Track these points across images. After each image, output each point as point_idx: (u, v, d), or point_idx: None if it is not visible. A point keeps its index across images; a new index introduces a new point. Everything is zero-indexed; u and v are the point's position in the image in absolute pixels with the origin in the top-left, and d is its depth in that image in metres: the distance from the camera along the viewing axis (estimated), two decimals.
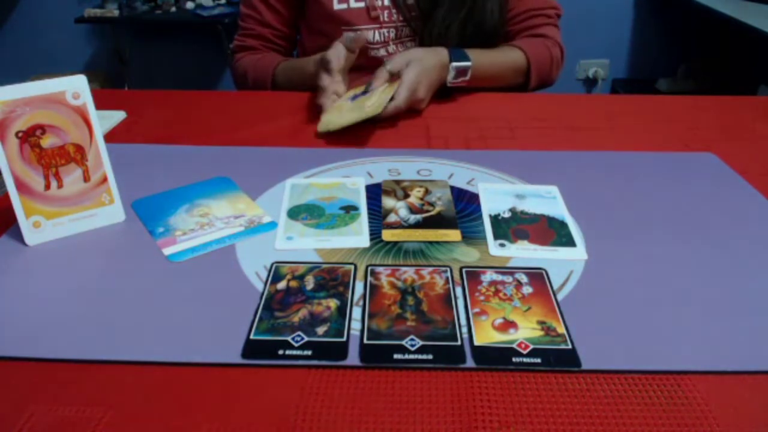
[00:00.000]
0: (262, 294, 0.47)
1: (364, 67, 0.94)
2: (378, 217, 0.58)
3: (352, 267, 0.50)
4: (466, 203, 0.61)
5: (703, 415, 0.37)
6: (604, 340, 0.42)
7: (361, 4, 0.93)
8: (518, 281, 0.48)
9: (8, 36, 2.82)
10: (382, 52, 0.97)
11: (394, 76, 0.81)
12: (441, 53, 0.85)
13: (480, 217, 0.58)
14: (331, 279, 0.48)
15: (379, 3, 0.94)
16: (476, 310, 0.45)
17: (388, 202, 0.61)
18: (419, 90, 0.81)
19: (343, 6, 0.94)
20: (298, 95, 0.91)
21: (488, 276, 0.49)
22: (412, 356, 0.41)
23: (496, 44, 0.97)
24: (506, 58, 0.95)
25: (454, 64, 0.85)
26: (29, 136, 0.51)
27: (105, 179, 0.56)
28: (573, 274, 0.49)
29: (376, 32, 0.95)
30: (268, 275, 0.49)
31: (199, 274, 0.49)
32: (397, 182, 0.64)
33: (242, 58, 1.04)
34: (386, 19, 0.94)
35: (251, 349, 0.41)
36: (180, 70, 2.91)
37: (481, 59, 0.89)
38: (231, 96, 0.96)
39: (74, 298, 0.46)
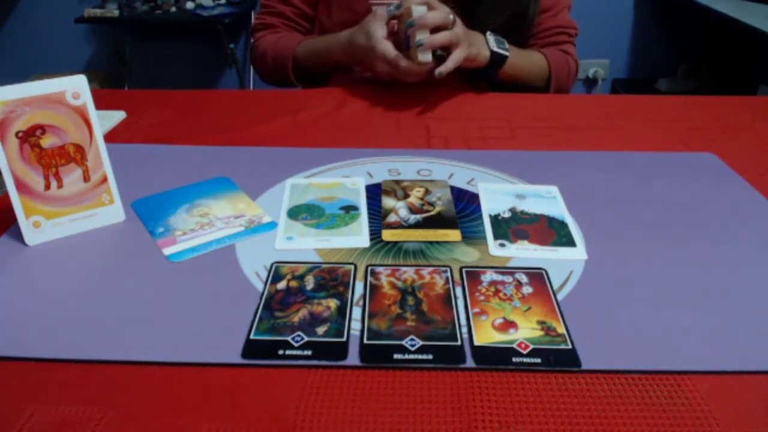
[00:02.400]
0: (262, 294, 0.47)
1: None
2: (378, 217, 0.58)
3: (352, 267, 0.50)
4: (466, 203, 0.61)
5: (703, 415, 0.37)
6: (604, 340, 0.42)
7: None
8: (518, 281, 0.48)
9: (8, 36, 2.82)
10: None
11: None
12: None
13: (480, 217, 0.58)
14: (331, 279, 0.48)
15: None
16: (476, 310, 0.45)
17: (388, 202, 0.61)
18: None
19: None
20: (298, 95, 0.91)
21: (488, 276, 0.49)
22: (412, 356, 0.41)
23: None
24: (533, 57, 0.97)
25: (491, 36, 0.87)
26: (29, 136, 0.51)
27: (105, 179, 0.56)
28: (573, 274, 0.49)
29: None
30: (268, 275, 0.49)
31: (199, 274, 0.49)
32: (397, 182, 0.64)
33: (262, 38, 1.02)
34: None
35: (251, 349, 0.41)
36: (180, 70, 2.91)
37: (515, 51, 0.91)
38: (231, 96, 0.96)
39: (74, 298, 0.46)
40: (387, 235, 0.55)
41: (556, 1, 1.00)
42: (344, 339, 0.42)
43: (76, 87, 0.53)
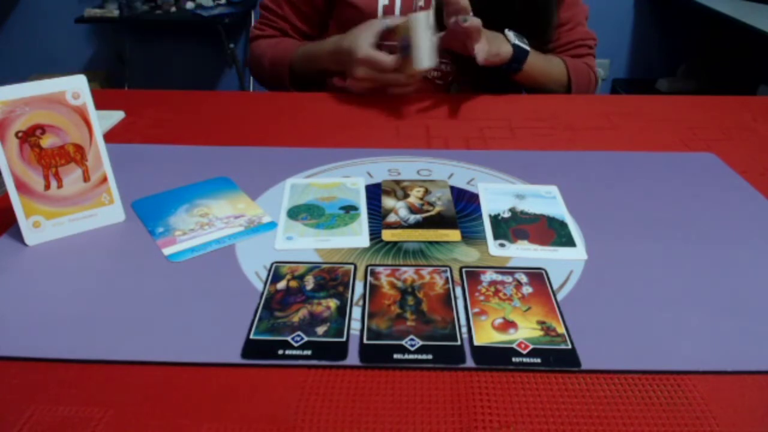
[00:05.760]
0: (262, 294, 0.47)
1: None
2: (378, 217, 0.58)
3: (352, 267, 0.50)
4: (466, 203, 0.61)
5: (703, 415, 0.37)
6: (604, 340, 0.42)
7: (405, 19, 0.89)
8: (518, 281, 0.48)
9: (8, 36, 2.82)
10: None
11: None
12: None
13: (480, 217, 0.58)
14: (331, 279, 0.48)
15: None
16: (476, 310, 0.45)
17: (387, 202, 0.61)
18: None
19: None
20: (298, 95, 0.91)
21: (488, 276, 0.49)
22: (411, 356, 0.41)
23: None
24: (552, 60, 0.96)
25: (510, 31, 0.86)
26: (29, 136, 0.51)
27: (105, 179, 0.56)
28: (573, 274, 0.49)
29: None
30: (268, 275, 0.49)
31: (199, 274, 0.49)
32: (397, 182, 0.64)
33: (260, 42, 1.01)
34: None
35: (251, 349, 0.41)
36: (180, 70, 2.91)
37: (533, 51, 0.89)
38: (231, 96, 0.96)
39: (74, 298, 0.46)
40: (387, 235, 0.55)
41: (572, 15, 0.99)
42: (344, 339, 0.42)
43: (76, 87, 0.53)
